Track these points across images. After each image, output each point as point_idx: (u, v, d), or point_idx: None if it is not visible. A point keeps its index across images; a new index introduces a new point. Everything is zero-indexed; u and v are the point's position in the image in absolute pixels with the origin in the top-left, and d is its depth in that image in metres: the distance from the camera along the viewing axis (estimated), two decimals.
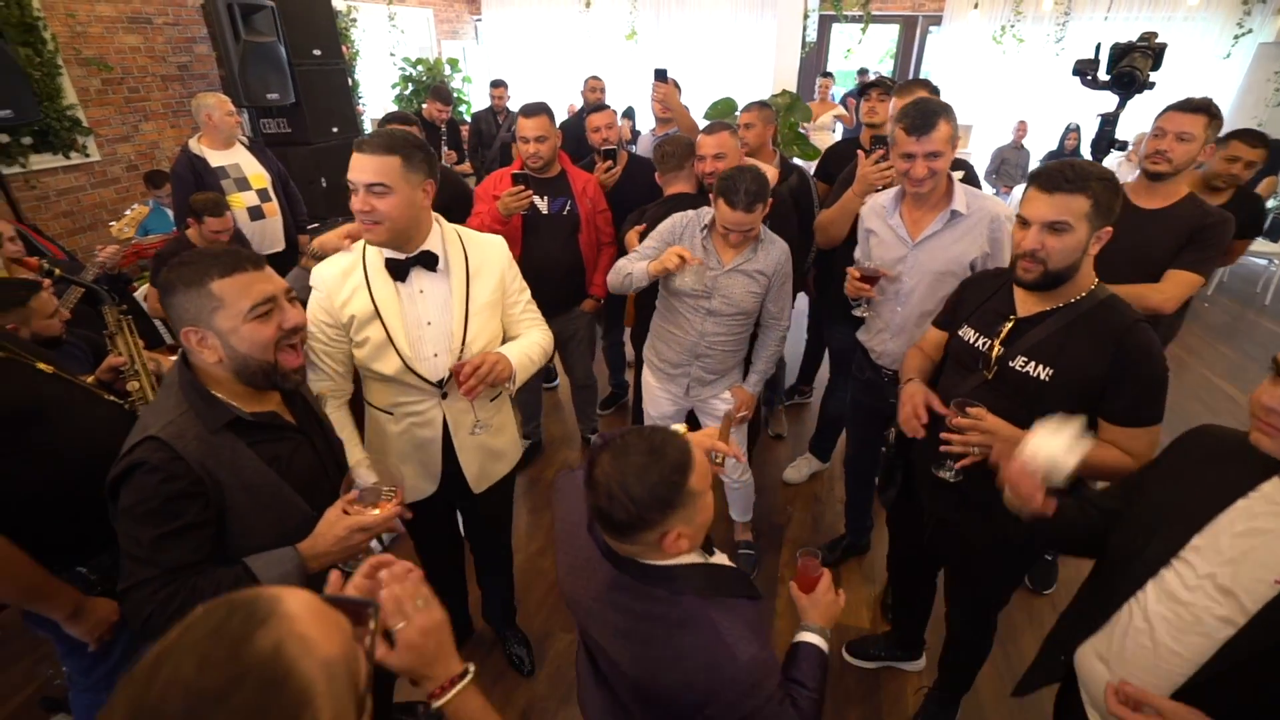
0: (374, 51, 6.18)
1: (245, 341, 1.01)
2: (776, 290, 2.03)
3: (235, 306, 0.99)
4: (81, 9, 3.92)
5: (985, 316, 1.43)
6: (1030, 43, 6.21)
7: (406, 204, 1.34)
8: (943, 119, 1.64)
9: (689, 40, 6.98)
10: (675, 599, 0.94)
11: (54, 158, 3.87)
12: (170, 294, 1.00)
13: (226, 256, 1.00)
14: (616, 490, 0.88)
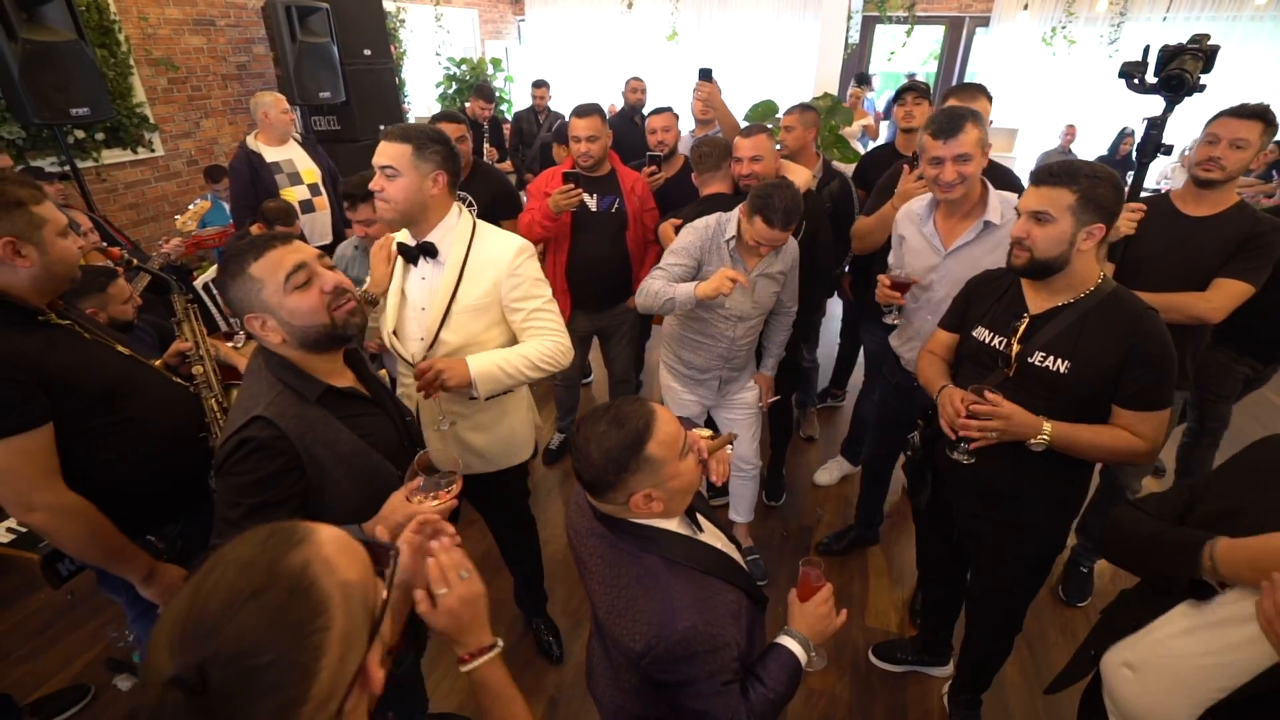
0: (420, 51, 6.34)
1: (295, 313, 1.07)
2: (790, 282, 2.12)
3: (273, 280, 1.06)
4: (153, 12, 4.14)
5: (998, 317, 1.47)
6: (1082, 44, 6.03)
7: (413, 189, 1.43)
8: (970, 122, 1.64)
9: (730, 41, 6.97)
10: (639, 556, 1.03)
11: (123, 153, 4.09)
12: (225, 291, 1.09)
13: (258, 240, 1.08)
14: (581, 453, 1.00)
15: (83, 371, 1.28)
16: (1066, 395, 1.34)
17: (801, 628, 1.12)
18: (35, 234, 1.22)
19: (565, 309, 2.71)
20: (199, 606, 0.51)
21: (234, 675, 0.49)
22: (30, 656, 2.16)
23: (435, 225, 1.52)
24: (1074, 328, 1.34)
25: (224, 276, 1.08)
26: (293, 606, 0.53)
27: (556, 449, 3.16)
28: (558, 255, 2.62)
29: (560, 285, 2.66)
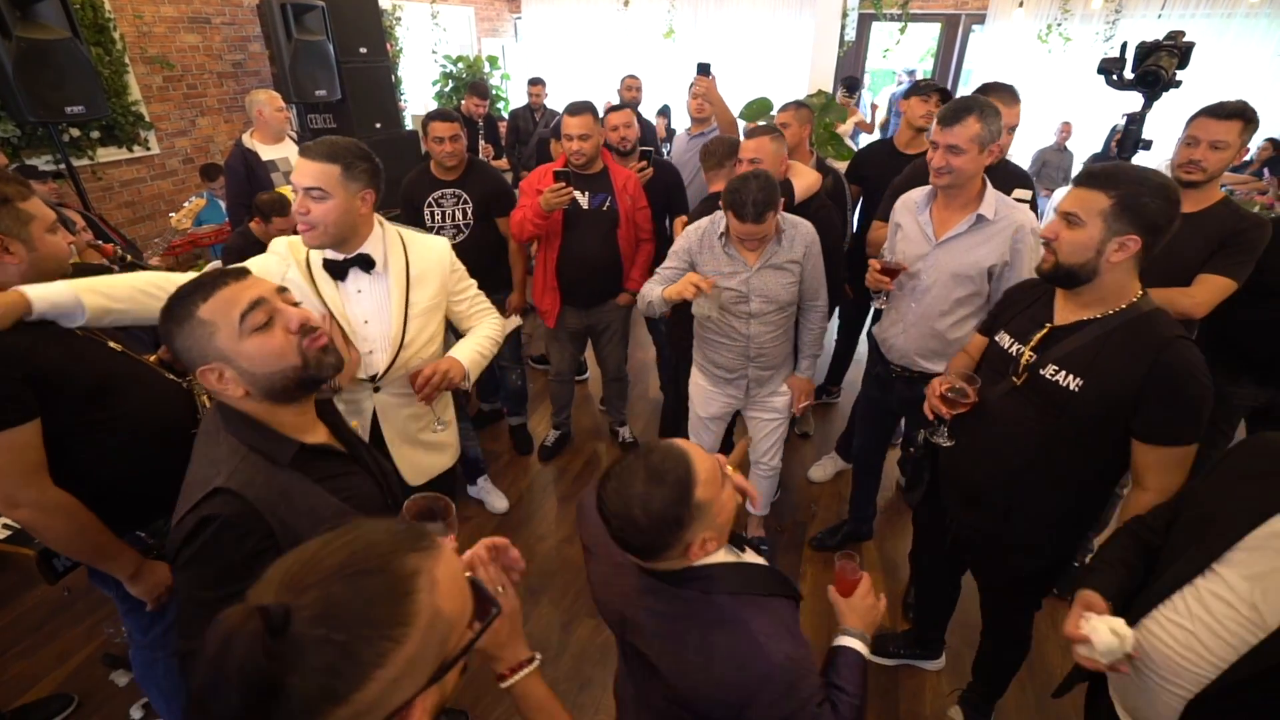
0: (416, 49, 6.33)
1: (256, 358, 0.93)
2: (809, 273, 2.02)
3: (227, 322, 0.91)
4: (148, 10, 4.13)
5: (1022, 323, 1.42)
6: (1078, 42, 6.04)
7: (342, 210, 1.38)
8: (973, 116, 1.64)
9: (726, 39, 6.97)
10: (708, 598, 0.95)
11: (118, 151, 4.08)
12: (171, 339, 0.93)
13: (205, 278, 0.94)
14: (625, 524, 0.91)
15: (73, 367, 1.28)
16: (1073, 416, 1.28)
17: (857, 624, 1.11)
18: (22, 230, 1.23)
19: (555, 306, 2.72)
20: (310, 565, 0.54)
21: (308, 635, 0.51)
22: (27, 653, 2.17)
23: (365, 239, 1.48)
24: (1094, 345, 1.26)
25: (168, 323, 0.92)
26: (383, 603, 0.54)
27: (552, 445, 3.17)
28: (549, 253, 2.63)
29: (550, 282, 2.67)
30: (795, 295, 2.03)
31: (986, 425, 1.42)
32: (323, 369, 0.99)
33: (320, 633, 0.51)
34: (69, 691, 2.02)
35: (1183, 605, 1.02)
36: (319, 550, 0.55)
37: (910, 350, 1.95)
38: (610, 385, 3.09)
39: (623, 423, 3.22)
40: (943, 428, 1.49)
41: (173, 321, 0.93)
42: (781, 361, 2.16)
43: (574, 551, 2.60)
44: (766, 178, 1.79)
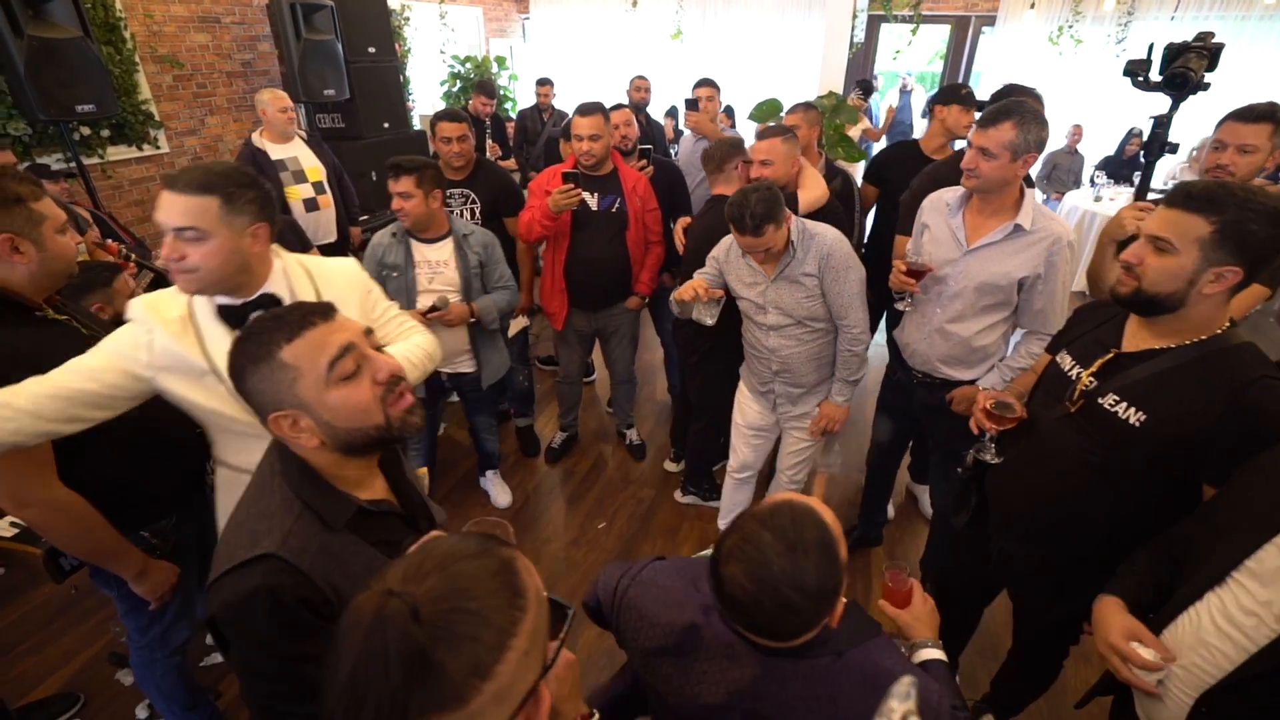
0: (424, 49, 6.33)
1: (339, 412, 0.84)
2: (830, 288, 1.89)
3: (313, 369, 0.82)
4: (158, 9, 4.14)
5: (1087, 345, 1.31)
6: (1089, 44, 5.99)
7: (227, 252, 1.13)
8: (1010, 121, 1.59)
9: (735, 40, 6.95)
10: (841, 660, 0.87)
11: (128, 149, 4.09)
12: (243, 379, 0.83)
13: (289, 315, 0.84)
14: (773, 608, 0.78)
15: None
16: (1133, 453, 1.16)
17: (927, 634, 1.07)
18: (34, 230, 1.22)
19: (563, 309, 2.71)
20: (422, 556, 0.56)
21: (443, 610, 0.52)
22: (34, 651, 2.17)
23: (266, 277, 1.24)
24: (1164, 377, 1.14)
25: (241, 359, 0.83)
26: (501, 575, 0.57)
27: (559, 447, 3.16)
28: (556, 254, 2.62)
29: (559, 284, 2.66)
30: (816, 312, 1.94)
31: (1038, 451, 1.34)
32: (406, 430, 0.90)
33: (455, 604, 0.53)
34: (75, 690, 2.02)
35: (1209, 610, 0.99)
36: (421, 551, 0.58)
37: (933, 356, 1.91)
38: (619, 387, 3.07)
39: (630, 425, 3.21)
40: (990, 443, 1.43)
41: (248, 360, 0.83)
42: (815, 384, 2.07)
43: (580, 554, 2.59)
44: (769, 191, 1.76)
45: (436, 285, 2.23)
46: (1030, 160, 1.65)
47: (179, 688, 1.70)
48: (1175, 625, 1.04)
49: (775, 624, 0.81)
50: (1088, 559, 1.32)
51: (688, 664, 0.94)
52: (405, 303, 2.17)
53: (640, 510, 2.83)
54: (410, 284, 2.22)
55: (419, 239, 2.22)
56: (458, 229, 2.26)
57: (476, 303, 2.27)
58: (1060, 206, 5.51)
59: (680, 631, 0.95)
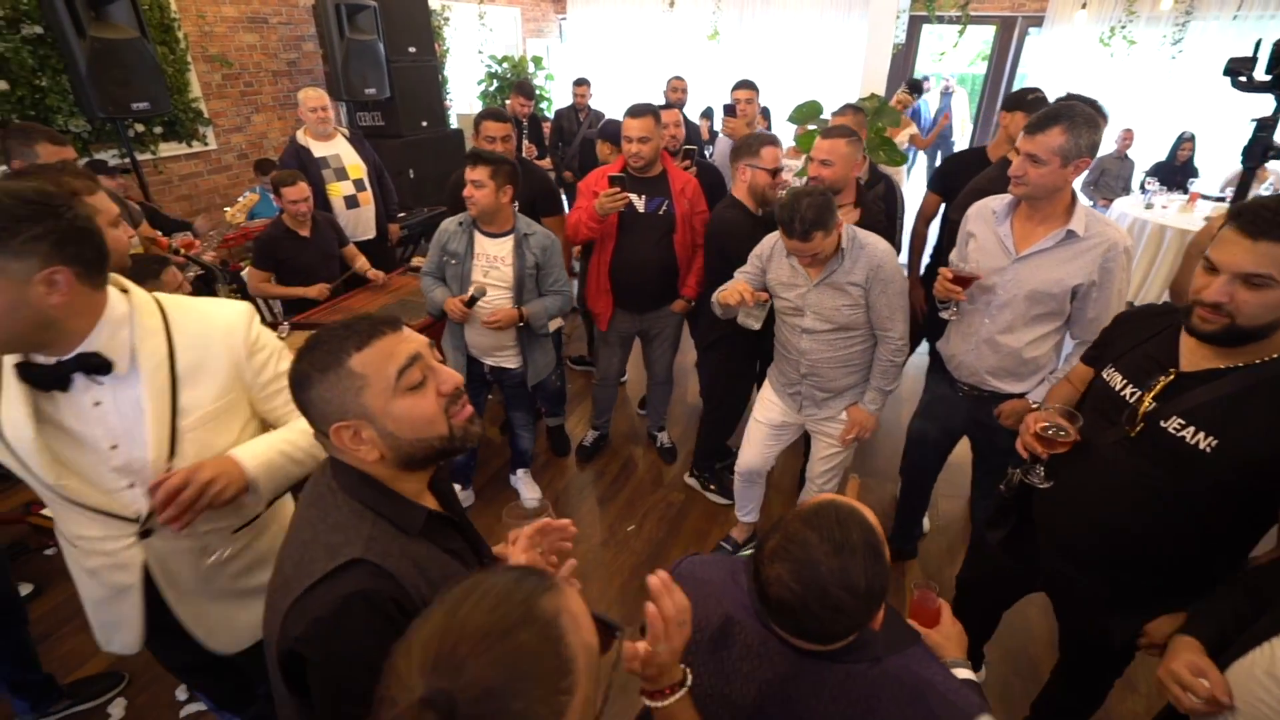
0: (462, 49, 6.41)
1: (404, 422, 0.82)
2: (877, 299, 1.87)
3: (381, 378, 0.81)
4: (210, 10, 4.26)
5: (1138, 361, 1.24)
6: (1143, 45, 5.79)
7: (12, 308, 0.90)
8: (1059, 126, 1.54)
9: (772, 41, 6.89)
10: (879, 667, 0.86)
11: (178, 146, 4.22)
12: (307, 387, 0.81)
13: (358, 325, 0.82)
14: (821, 611, 0.77)
15: None
16: (1203, 479, 1.10)
17: (957, 653, 1.06)
18: None
19: (608, 310, 2.71)
20: (454, 633, 0.51)
21: (482, 713, 0.49)
22: (82, 629, 2.23)
23: (90, 330, 1.00)
24: (1235, 399, 1.08)
25: (308, 367, 0.81)
26: (545, 655, 0.52)
27: (590, 446, 3.16)
28: (602, 255, 2.62)
29: (603, 285, 2.66)
30: (857, 320, 1.91)
31: (1093, 474, 1.28)
32: (468, 439, 0.89)
33: (494, 706, 0.49)
34: (119, 669, 2.08)
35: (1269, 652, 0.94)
36: (453, 618, 0.53)
37: (981, 369, 1.85)
38: (655, 389, 3.06)
39: (662, 428, 3.19)
40: (1038, 467, 1.37)
41: (315, 368, 0.80)
42: (843, 388, 2.05)
43: (609, 555, 2.58)
44: (823, 197, 1.74)
45: (490, 279, 2.26)
46: (1082, 166, 1.59)
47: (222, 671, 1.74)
48: (1246, 658, 0.98)
49: (823, 626, 0.79)
50: (1146, 583, 1.27)
51: (721, 659, 0.92)
52: (458, 289, 2.28)
53: (670, 514, 2.82)
54: (465, 273, 2.26)
55: (483, 231, 2.26)
56: (520, 227, 2.28)
57: (526, 307, 2.28)
58: (1109, 213, 5.33)
59: (716, 626, 0.94)
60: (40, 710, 1.90)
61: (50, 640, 2.18)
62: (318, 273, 3.04)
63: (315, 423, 0.84)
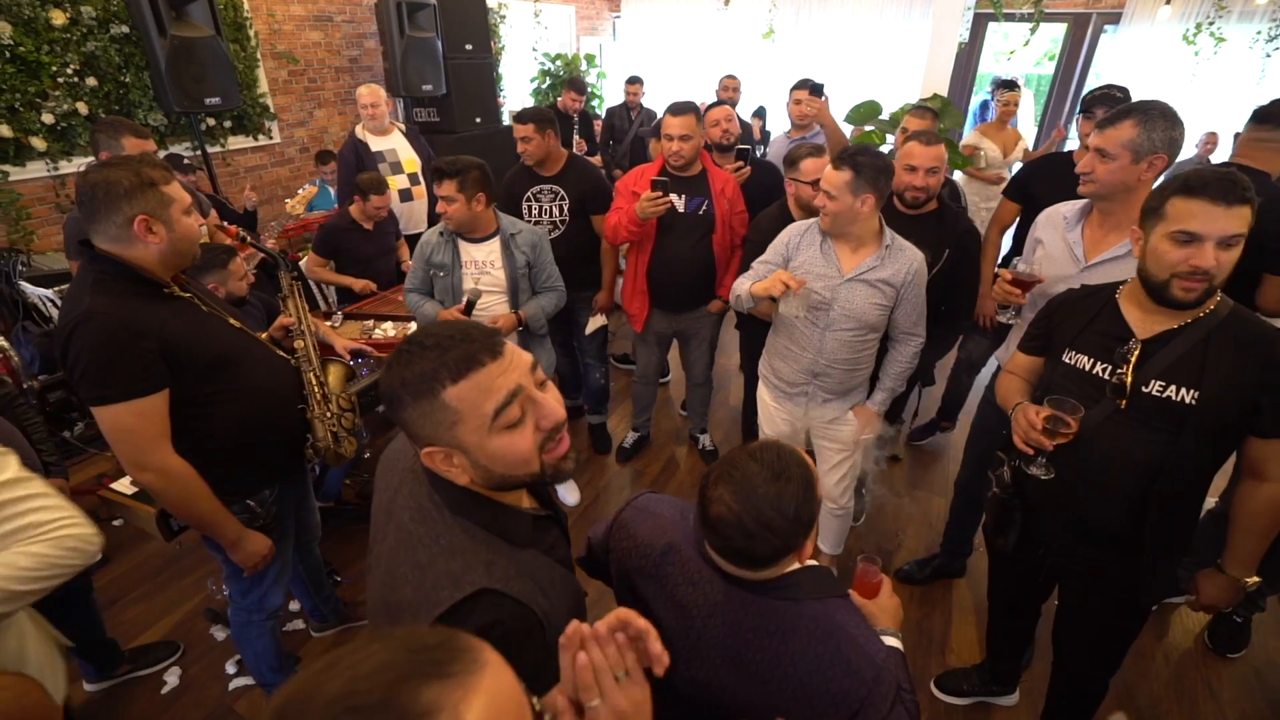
0: (517, 46, 6.49)
1: (497, 459, 0.77)
2: (907, 302, 1.86)
3: (478, 415, 0.75)
4: (279, 9, 4.43)
5: (1096, 339, 1.33)
6: (1233, 43, 5.42)
7: None
8: (1130, 120, 1.47)
9: (829, 40, 6.74)
10: (797, 606, 0.93)
11: (245, 139, 4.40)
12: (398, 407, 0.77)
13: (456, 351, 0.74)
14: (754, 527, 0.84)
15: (199, 341, 1.36)
16: (1196, 429, 1.21)
17: (890, 623, 1.11)
18: (164, 212, 1.30)
19: (644, 310, 2.69)
20: (315, 687, 0.42)
21: None
22: (142, 599, 2.36)
23: None
24: (1196, 352, 1.21)
25: (399, 389, 0.75)
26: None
27: (630, 447, 3.14)
28: (640, 255, 2.59)
29: (640, 286, 2.63)
30: (881, 321, 1.88)
31: (1092, 451, 1.31)
32: (559, 476, 0.84)
33: None
34: (176, 639, 2.17)
35: None
36: (316, 678, 0.43)
37: None
38: (694, 391, 3.03)
39: (704, 429, 3.15)
40: (1041, 459, 1.38)
41: (407, 392, 0.75)
42: (850, 390, 2.00)
43: None
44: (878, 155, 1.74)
45: (482, 285, 2.20)
46: (1158, 164, 1.49)
47: (269, 649, 1.80)
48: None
49: (753, 545, 0.85)
50: (1165, 541, 1.32)
51: (660, 582, 1.01)
52: (451, 301, 2.21)
53: None
54: (456, 284, 2.19)
55: (466, 239, 2.19)
56: (505, 228, 2.21)
57: (523, 310, 2.24)
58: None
59: (659, 553, 1.01)
60: (104, 674, 2.01)
61: (115, 607, 2.30)
62: (374, 265, 3.13)
63: (411, 439, 0.80)
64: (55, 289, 3.04)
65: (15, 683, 0.77)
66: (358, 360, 2.21)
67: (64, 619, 1.83)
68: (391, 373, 0.76)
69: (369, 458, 3.05)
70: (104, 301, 1.25)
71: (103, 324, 1.23)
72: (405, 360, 0.76)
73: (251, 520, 1.54)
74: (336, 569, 2.40)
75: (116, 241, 1.28)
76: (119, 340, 1.24)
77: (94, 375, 1.24)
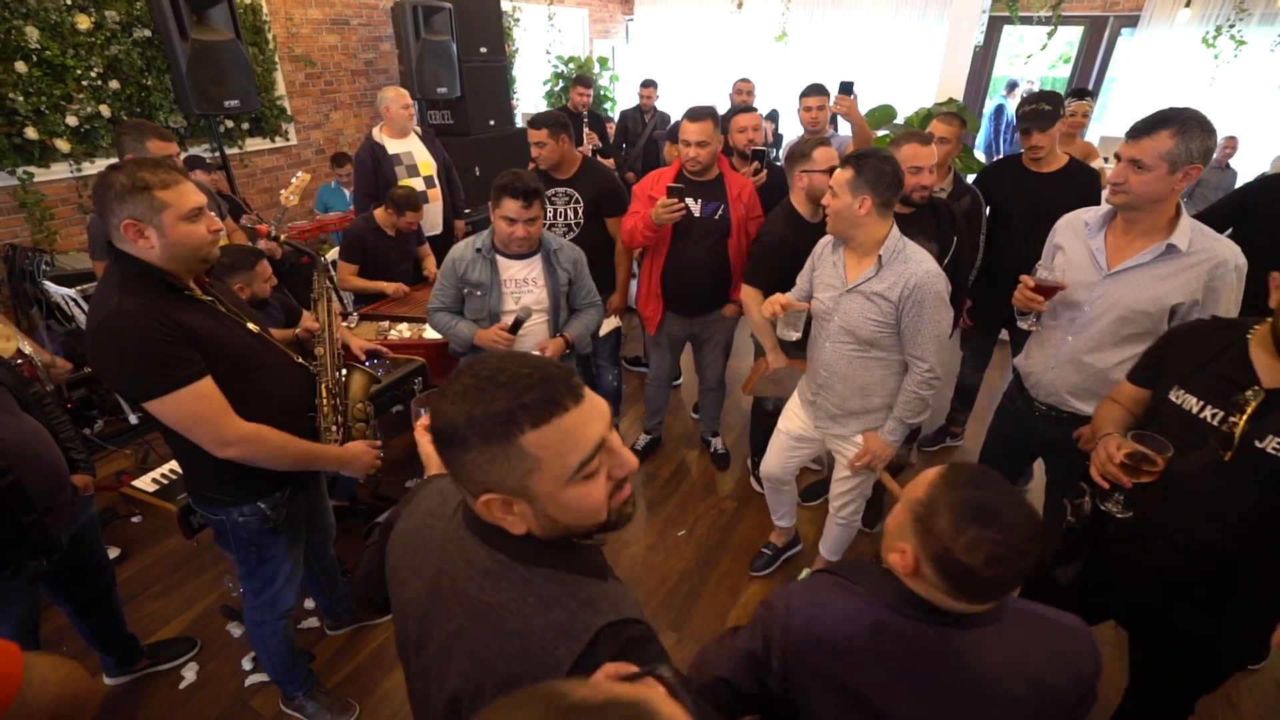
0: (530, 49, 6.52)
1: (568, 510, 0.70)
2: (909, 322, 1.74)
3: (558, 465, 0.67)
4: (297, 13, 4.48)
5: (1209, 381, 1.21)
6: (1254, 45, 5.35)
7: None
8: (1168, 130, 1.42)
9: (843, 43, 6.72)
10: (993, 624, 0.92)
11: (262, 141, 4.45)
12: (461, 448, 0.67)
13: (536, 393, 0.66)
14: (1024, 545, 0.81)
15: (218, 344, 1.37)
16: None
17: None
18: (154, 217, 1.26)
19: (657, 314, 2.69)
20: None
21: None
22: (161, 595, 2.39)
23: None
24: None
25: (467, 429, 0.66)
26: None
27: (641, 450, 3.15)
28: (655, 259, 2.60)
29: (654, 289, 2.64)
30: (882, 340, 1.80)
31: (1181, 499, 1.22)
32: (621, 523, 0.77)
33: None
34: (193, 635, 2.20)
35: None
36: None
37: (1061, 388, 1.75)
38: (707, 394, 3.03)
39: (715, 433, 3.16)
40: (1118, 495, 1.30)
41: (475, 433, 0.66)
42: (857, 409, 1.93)
43: (658, 560, 2.57)
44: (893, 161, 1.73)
45: (522, 304, 2.13)
46: (1193, 173, 1.46)
47: (283, 649, 1.82)
48: None
49: (1026, 564, 0.81)
50: (1258, 610, 1.23)
51: (881, 668, 0.90)
52: (488, 321, 2.11)
53: (722, 521, 2.78)
54: (494, 304, 2.10)
55: (506, 254, 2.11)
56: (548, 244, 2.14)
57: (569, 331, 2.20)
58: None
59: (865, 638, 0.91)
60: (124, 668, 2.04)
61: (134, 602, 2.33)
62: (396, 268, 3.16)
63: (461, 481, 0.72)
64: (78, 288, 3.10)
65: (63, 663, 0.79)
66: (373, 361, 2.22)
67: (87, 613, 1.88)
68: (455, 408, 0.67)
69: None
70: (133, 300, 1.26)
71: (137, 320, 1.24)
72: (474, 397, 0.66)
73: (263, 522, 1.55)
74: (351, 568, 2.43)
75: (121, 243, 1.29)
76: (157, 332, 1.25)
77: (140, 370, 1.25)
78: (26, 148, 3.23)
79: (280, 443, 1.44)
